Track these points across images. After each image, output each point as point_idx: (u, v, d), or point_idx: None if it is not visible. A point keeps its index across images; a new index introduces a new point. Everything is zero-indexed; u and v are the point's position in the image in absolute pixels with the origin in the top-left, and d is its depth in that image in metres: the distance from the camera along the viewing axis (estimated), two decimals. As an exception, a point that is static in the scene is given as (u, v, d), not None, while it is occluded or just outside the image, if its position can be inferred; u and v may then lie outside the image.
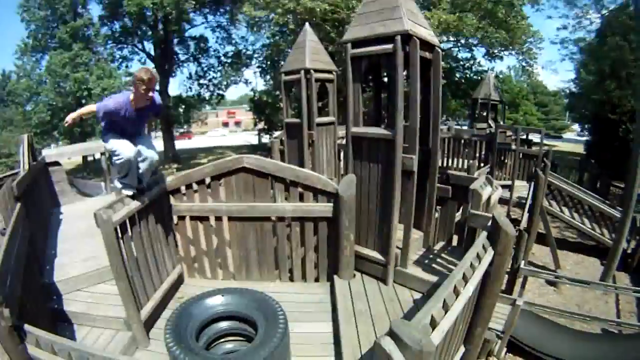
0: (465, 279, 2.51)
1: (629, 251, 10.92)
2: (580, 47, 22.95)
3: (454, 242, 5.28)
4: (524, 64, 20.41)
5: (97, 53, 24.66)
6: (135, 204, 3.70)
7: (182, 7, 21.73)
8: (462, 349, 3.20)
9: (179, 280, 4.72)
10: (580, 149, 28.21)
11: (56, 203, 7.65)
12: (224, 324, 3.82)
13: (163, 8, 20.82)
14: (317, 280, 4.64)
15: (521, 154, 12.46)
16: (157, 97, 3.81)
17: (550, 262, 10.46)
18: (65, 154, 9.09)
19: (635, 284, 9.97)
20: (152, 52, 26.37)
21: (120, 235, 3.44)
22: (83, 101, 23.11)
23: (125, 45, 26.45)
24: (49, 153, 8.07)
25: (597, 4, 20.17)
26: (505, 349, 6.69)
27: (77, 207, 7.56)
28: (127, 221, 3.58)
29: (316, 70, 6.21)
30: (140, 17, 23.01)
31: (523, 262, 7.51)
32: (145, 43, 26.59)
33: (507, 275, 7.90)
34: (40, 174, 6.81)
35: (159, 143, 28.08)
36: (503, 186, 10.26)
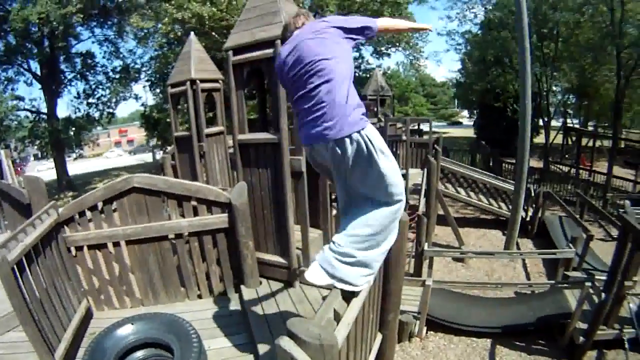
0: None
1: (527, 219, 12.06)
2: (467, 38, 24.79)
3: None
4: (411, 58, 21.69)
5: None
6: (29, 239, 3.40)
7: (68, 21, 20.33)
8: (379, 336, 3.34)
9: (88, 315, 4.42)
10: (471, 132, 30.50)
11: None
12: (139, 353, 3.66)
13: (49, 23, 19.36)
14: (224, 293, 4.59)
15: (412, 144, 13.24)
16: None
17: (454, 240, 11.18)
18: None
19: (538, 247, 11.01)
20: (39, 72, 24.30)
21: (18, 275, 3.16)
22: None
23: (9, 66, 24.11)
24: None
25: None
26: (425, 328, 7.09)
27: None
28: (24, 259, 3.29)
29: (202, 80, 6.14)
30: (25, 34, 21.16)
31: (427, 244, 7.95)
32: (31, 62, 24.51)
33: (414, 259, 8.38)
34: None
35: (50, 173, 26.19)
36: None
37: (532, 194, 12.22)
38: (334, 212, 5.10)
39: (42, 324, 3.39)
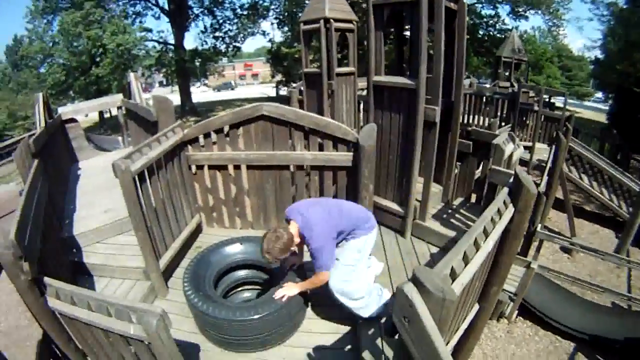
0: (485, 233, 2.46)
1: None
2: (612, 10, 22.03)
3: (473, 199, 5.24)
4: (550, 24, 19.75)
5: (110, 10, 24.23)
6: (153, 154, 3.67)
7: None
8: (476, 307, 3.19)
9: (198, 230, 4.78)
10: (602, 117, 27.56)
11: (74, 159, 7.69)
12: (241, 273, 3.89)
13: None
14: (334, 230, 4.64)
15: (543, 116, 12.11)
16: None
17: (566, 229, 10.34)
18: (81, 111, 9.07)
19: None
20: (166, 7, 25.86)
21: (138, 185, 3.44)
22: (97, 59, 23.08)
23: (138, 1, 26.00)
24: (65, 110, 8.05)
25: None
26: (516, 312, 6.74)
27: (95, 162, 7.60)
28: (146, 171, 3.57)
29: (336, 20, 5.99)
30: None
31: (540, 225, 7.43)
32: (159, -1, 26.09)
33: (523, 238, 7.88)
34: (56, 131, 6.79)
35: (175, 96, 28.15)
36: (524, 147, 10.12)
37: None
38: (456, 170, 4.88)
39: (154, 231, 3.68)
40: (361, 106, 7.95)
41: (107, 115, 25.96)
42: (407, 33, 4.26)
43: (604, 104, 36.35)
